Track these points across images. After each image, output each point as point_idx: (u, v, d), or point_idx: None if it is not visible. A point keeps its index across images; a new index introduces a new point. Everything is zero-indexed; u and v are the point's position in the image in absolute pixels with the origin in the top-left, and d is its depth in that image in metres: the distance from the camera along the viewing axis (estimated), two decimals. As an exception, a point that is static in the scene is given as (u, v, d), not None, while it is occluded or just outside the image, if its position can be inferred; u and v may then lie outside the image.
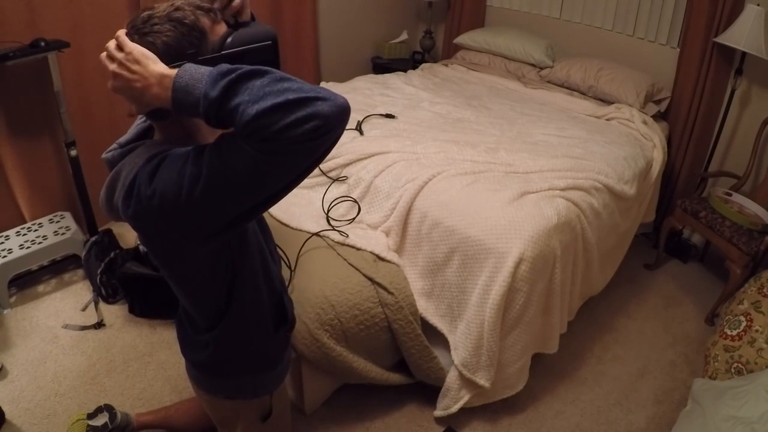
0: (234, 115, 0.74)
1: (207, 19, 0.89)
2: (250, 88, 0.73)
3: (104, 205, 0.94)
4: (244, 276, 1.01)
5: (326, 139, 0.76)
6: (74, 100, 2.49)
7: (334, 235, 1.92)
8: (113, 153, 0.97)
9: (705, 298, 2.58)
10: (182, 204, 0.79)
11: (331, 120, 0.74)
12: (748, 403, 1.49)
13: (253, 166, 0.75)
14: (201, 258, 0.93)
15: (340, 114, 0.75)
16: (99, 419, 1.68)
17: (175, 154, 0.82)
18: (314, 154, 0.78)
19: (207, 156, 0.78)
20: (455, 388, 1.83)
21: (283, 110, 0.71)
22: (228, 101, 0.74)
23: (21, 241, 2.36)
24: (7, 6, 2.18)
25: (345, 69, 3.71)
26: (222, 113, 0.75)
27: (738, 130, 2.75)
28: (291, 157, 0.76)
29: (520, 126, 2.56)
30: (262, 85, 0.73)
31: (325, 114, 0.73)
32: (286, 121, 0.71)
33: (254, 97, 0.72)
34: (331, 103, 0.74)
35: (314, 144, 0.75)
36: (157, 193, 0.80)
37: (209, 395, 1.18)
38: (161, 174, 0.81)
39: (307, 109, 0.72)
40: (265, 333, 1.12)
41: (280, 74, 0.75)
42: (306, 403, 1.84)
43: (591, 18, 3.19)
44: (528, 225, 1.77)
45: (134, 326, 2.26)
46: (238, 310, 1.03)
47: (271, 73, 0.75)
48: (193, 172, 0.78)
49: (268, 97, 0.72)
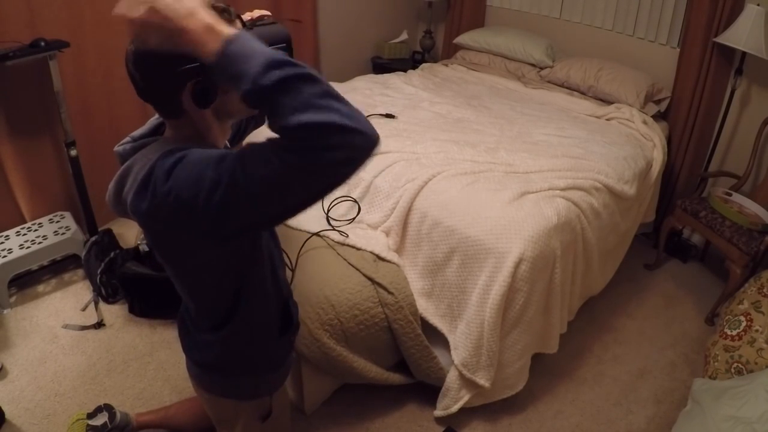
0: (275, 113, 0.73)
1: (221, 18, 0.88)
2: (298, 92, 0.72)
3: (111, 199, 0.93)
4: (253, 282, 1.00)
5: (353, 169, 0.76)
6: (74, 100, 2.49)
7: (334, 235, 1.92)
8: (125, 146, 0.96)
9: (705, 298, 2.58)
10: (198, 208, 0.78)
11: (365, 154, 0.75)
12: (748, 403, 1.49)
13: (275, 180, 0.74)
14: (209, 261, 0.93)
15: (373, 149, 0.76)
16: (99, 419, 1.68)
17: (194, 156, 0.81)
18: (339, 180, 0.77)
19: (230, 163, 0.77)
20: (455, 388, 1.83)
21: (324, 131, 0.71)
22: (275, 95, 0.72)
23: (21, 241, 2.36)
24: (7, 6, 2.18)
25: (345, 69, 3.71)
26: (263, 102, 0.74)
27: (738, 130, 2.75)
28: (315, 178, 0.75)
29: (520, 126, 2.56)
30: (311, 95, 0.72)
31: (360, 147, 0.74)
32: (325, 143, 0.71)
33: (300, 106, 0.71)
34: (368, 138, 0.74)
35: (342, 172, 0.75)
36: (173, 192, 0.79)
37: (209, 394, 1.18)
38: (179, 173, 0.79)
39: (346, 138, 0.72)
40: (270, 336, 1.12)
41: (328, 87, 0.74)
42: (306, 403, 1.84)
43: (591, 18, 3.19)
44: (528, 225, 1.77)
45: (134, 326, 2.26)
46: (245, 313, 1.02)
47: (320, 82, 0.74)
48: (214, 179, 0.76)
49: (313, 111, 0.71)
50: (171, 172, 0.80)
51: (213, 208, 0.77)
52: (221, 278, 0.97)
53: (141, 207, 0.82)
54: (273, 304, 1.09)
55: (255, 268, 0.99)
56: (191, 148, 0.84)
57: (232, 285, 0.98)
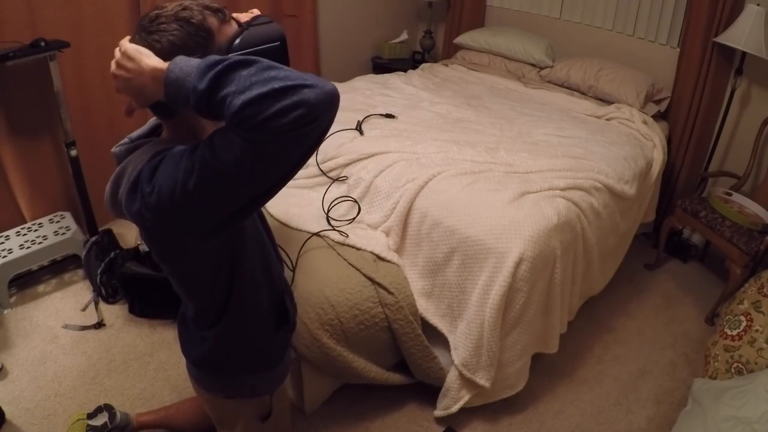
0: (222, 107, 0.73)
1: (215, 19, 0.89)
2: (237, 79, 0.73)
3: (108, 200, 0.94)
4: (244, 274, 1.01)
5: (314, 126, 0.74)
6: (74, 100, 2.49)
7: (334, 235, 1.92)
8: (122, 148, 0.97)
9: (705, 298, 2.58)
10: (177, 198, 0.78)
11: (318, 107, 0.73)
12: (748, 403, 1.49)
13: (244, 157, 0.74)
14: (201, 255, 0.94)
15: (328, 101, 0.74)
16: (99, 419, 1.68)
17: (174, 151, 0.82)
18: (304, 143, 0.77)
19: (200, 150, 0.78)
20: (455, 388, 1.83)
21: (268, 99, 0.71)
22: (216, 93, 0.73)
23: (21, 241, 2.36)
24: (7, 6, 2.18)
25: (345, 69, 3.71)
26: (211, 105, 0.75)
27: (738, 130, 2.75)
28: (280, 147, 0.75)
29: (520, 126, 2.56)
30: (249, 75, 0.73)
31: (311, 102, 0.72)
32: (272, 110, 0.70)
33: (241, 87, 0.72)
34: (317, 90, 0.73)
35: (302, 132, 0.74)
36: (156, 188, 0.80)
37: (209, 394, 1.18)
38: (161, 170, 0.81)
39: (292, 98, 0.71)
40: (266, 332, 1.12)
41: (267, 63, 0.75)
42: (306, 403, 1.84)
43: (591, 18, 3.19)
44: (528, 225, 1.77)
45: (134, 326, 2.26)
46: (238, 308, 1.03)
47: (259, 62, 0.74)
48: (187, 166, 0.78)
49: (254, 87, 0.71)
50: (154, 172, 0.81)
51: (190, 195, 0.78)
52: (215, 273, 0.98)
53: (133, 208, 0.84)
54: (266, 297, 1.09)
55: (244, 259, 0.99)
56: (176, 147, 0.85)
57: (224, 278, 0.99)
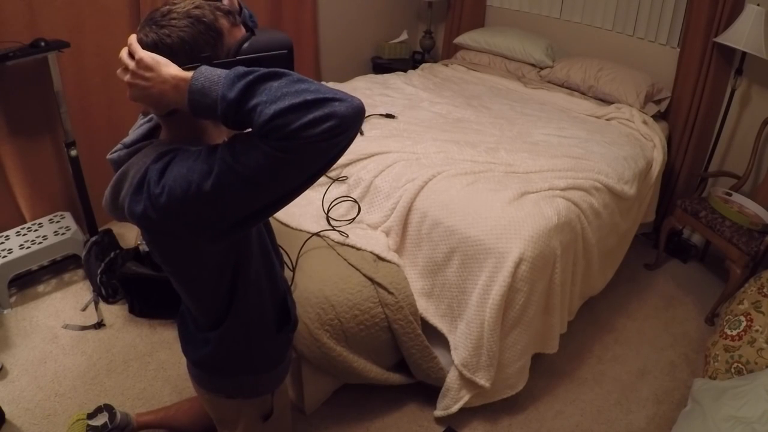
0: (252, 116, 0.75)
1: (226, 20, 0.89)
2: (267, 89, 0.75)
3: (108, 205, 0.94)
4: (248, 276, 1.01)
5: (342, 138, 0.77)
6: (74, 100, 2.49)
7: (334, 235, 1.92)
8: (119, 153, 0.97)
9: (705, 298, 2.58)
10: (191, 199, 0.79)
11: (347, 120, 0.76)
12: (748, 403, 1.49)
13: (268, 164, 0.76)
14: (206, 257, 0.93)
15: (356, 114, 0.77)
16: (99, 419, 1.68)
17: (184, 153, 0.83)
18: (329, 154, 0.79)
19: (220, 153, 0.79)
20: (455, 388, 1.83)
21: (301, 110, 0.73)
22: (246, 102, 0.75)
23: (21, 241, 2.36)
24: (7, 6, 2.18)
25: (345, 69, 3.71)
26: (240, 114, 0.76)
27: (738, 130, 2.75)
28: (306, 156, 0.77)
29: (520, 126, 2.56)
30: (280, 86, 0.75)
31: (341, 114, 0.75)
32: (305, 120, 0.73)
33: (272, 98, 0.74)
34: (347, 104, 0.76)
35: (332, 143, 0.76)
36: (166, 189, 0.80)
37: (210, 394, 1.18)
38: (171, 171, 0.81)
39: (324, 109, 0.74)
40: (268, 333, 1.12)
41: (297, 76, 0.77)
42: (306, 403, 1.84)
43: (591, 18, 3.19)
44: (528, 225, 1.77)
45: (134, 326, 2.26)
46: (241, 309, 1.03)
47: (289, 75, 0.77)
48: (204, 169, 0.78)
49: (286, 98, 0.73)
50: (163, 173, 0.81)
51: (205, 197, 0.78)
52: (218, 276, 0.97)
53: (137, 210, 0.83)
54: (269, 300, 1.09)
55: (248, 261, 0.99)
56: (184, 147, 0.85)
57: (227, 280, 0.99)
